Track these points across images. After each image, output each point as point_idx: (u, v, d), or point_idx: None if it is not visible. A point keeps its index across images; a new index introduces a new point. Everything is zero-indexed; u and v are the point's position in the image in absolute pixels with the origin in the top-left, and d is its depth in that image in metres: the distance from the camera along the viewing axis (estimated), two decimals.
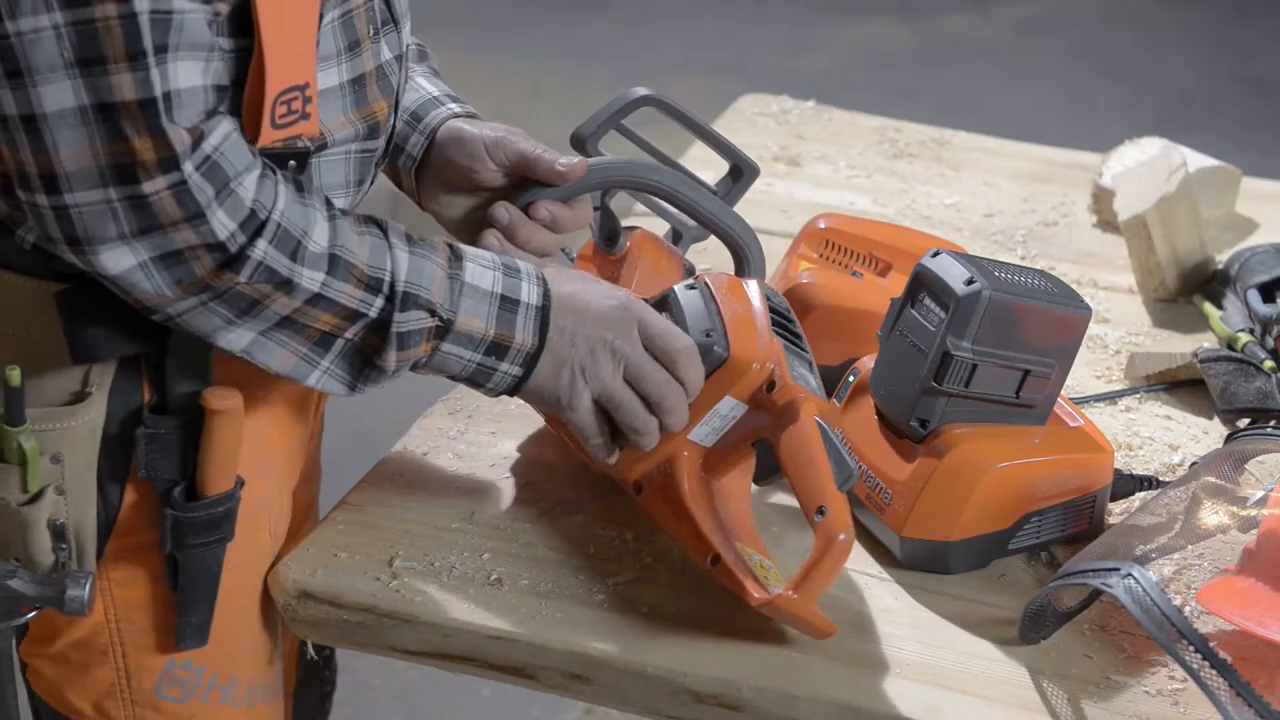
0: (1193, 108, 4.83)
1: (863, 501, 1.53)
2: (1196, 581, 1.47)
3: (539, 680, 1.43)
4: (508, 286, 1.39)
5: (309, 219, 1.31)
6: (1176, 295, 1.94)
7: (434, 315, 1.35)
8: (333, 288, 1.31)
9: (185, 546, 1.40)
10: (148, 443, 1.38)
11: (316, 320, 1.32)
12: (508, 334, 1.38)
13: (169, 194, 1.24)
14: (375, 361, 1.35)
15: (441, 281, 1.36)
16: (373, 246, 1.34)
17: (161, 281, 1.27)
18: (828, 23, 5.32)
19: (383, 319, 1.33)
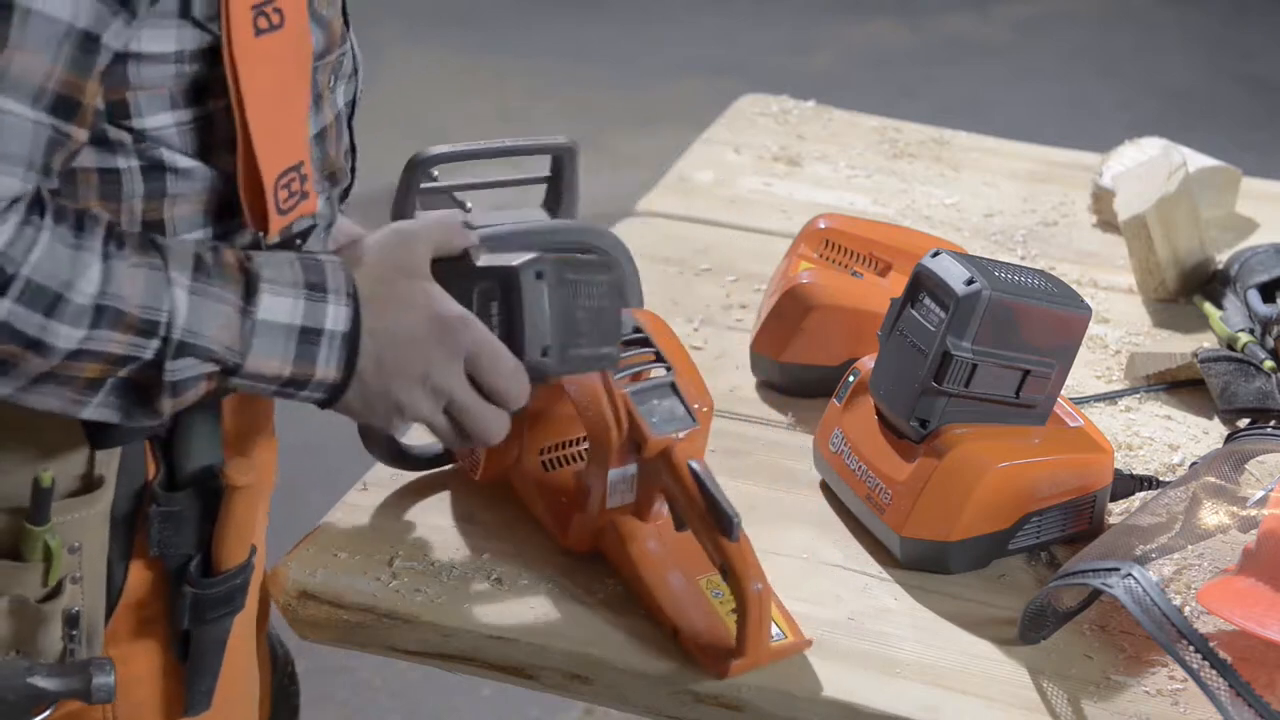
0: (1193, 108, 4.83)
1: (863, 501, 1.53)
2: (1196, 581, 1.47)
3: (539, 680, 1.43)
4: (310, 314, 1.25)
5: (76, 265, 1.17)
6: (1176, 295, 1.94)
7: (216, 362, 1.23)
8: (97, 339, 1.18)
9: (203, 621, 1.35)
10: (162, 521, 1.31)
11: (82, 371, 1.20)
12: (307, 371, 1.26)
13: None
14: (149, 401, 1.23)
15: (229, 321, 1.22)
16: (148, 282, 1.20)
17: None
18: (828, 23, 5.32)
19: (156, 361, 1.21)
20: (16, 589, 1.27)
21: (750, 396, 1.75)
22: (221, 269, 1.23)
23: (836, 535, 1.55)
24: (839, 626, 1.44)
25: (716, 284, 1.96)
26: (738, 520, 1.35)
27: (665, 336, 1.47)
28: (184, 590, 1.33)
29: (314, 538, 1.53)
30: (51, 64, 1.14)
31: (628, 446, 1.42)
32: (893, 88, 4.84)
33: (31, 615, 1.28)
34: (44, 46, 1.14)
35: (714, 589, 1.43)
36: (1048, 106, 4.78)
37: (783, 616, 1.41)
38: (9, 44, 1.12)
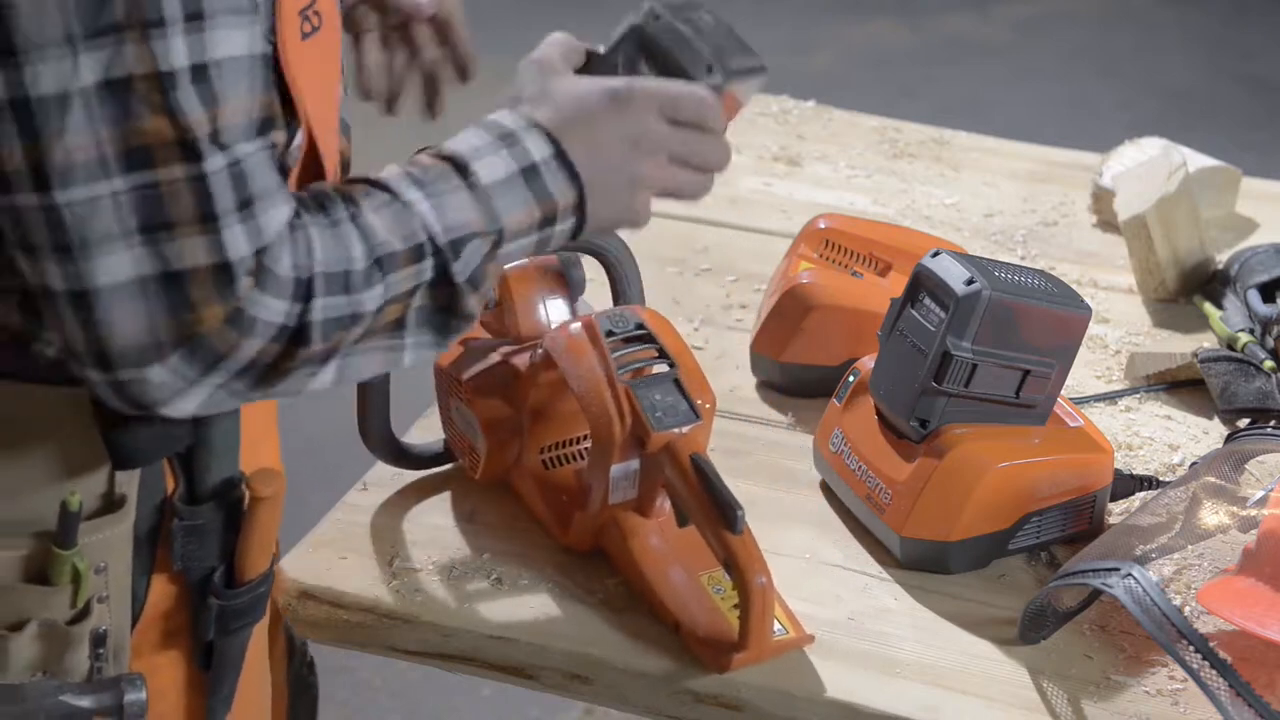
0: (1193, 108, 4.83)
1: (863, 501, 1.53)
2: (1196, 581, 1.47)
3: (539, 680, 1.43)
4: (519, 157, 1.27)
5: (342, 241, 1.20)
6: (1176, 295, 1.94)
7: (484, 236, 1.24)
8: (391, 287, 1.21)
9: (228, 632, 1.35)
10: (185, 534, 1.31)
11: (385, 317, 1.23)
12: (550, 203, 1.27)
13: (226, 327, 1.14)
14: (455, 309, 1.25)
15: (468, 202, 1.24)
16: (394, 217, 1.22)
17: (242, 387, 1.18)
18: (828, 23, 5.32)
19: (439, 275, 1.23)
20: (45, 613, 1.26)
21: (750, 396, 1.75)
22: (428, 170, 1.25)
23: (836, 535, 1.55)
24: (839, 626, 1.44)
25: (716, 284, 1.96)
26: (741, 513, 1.35)
27: (668, 333, 1.47)
28: (209, 602, 1.33)
29: (314, 538, 1.53)
30: (250, 98, 1.13)
31: (630, 442, 1.42)
32: (893, 88, 4.84)
33: (60, 637, 1.27)
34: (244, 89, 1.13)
35: (715, 585, 1.43)
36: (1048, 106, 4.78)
37: (785, 613, 1.41)
38: (221, 100, 1.11)
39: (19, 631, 1.24)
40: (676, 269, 1.99)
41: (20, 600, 1.25)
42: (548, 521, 1.52)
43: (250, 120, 1.13)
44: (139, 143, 1.09)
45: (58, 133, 1.08)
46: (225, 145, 1.12)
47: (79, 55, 1.07)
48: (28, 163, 1.09)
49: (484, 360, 1.54)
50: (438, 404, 1.60)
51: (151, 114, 1.08)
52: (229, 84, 1.11)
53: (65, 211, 1.09)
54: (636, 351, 1.44)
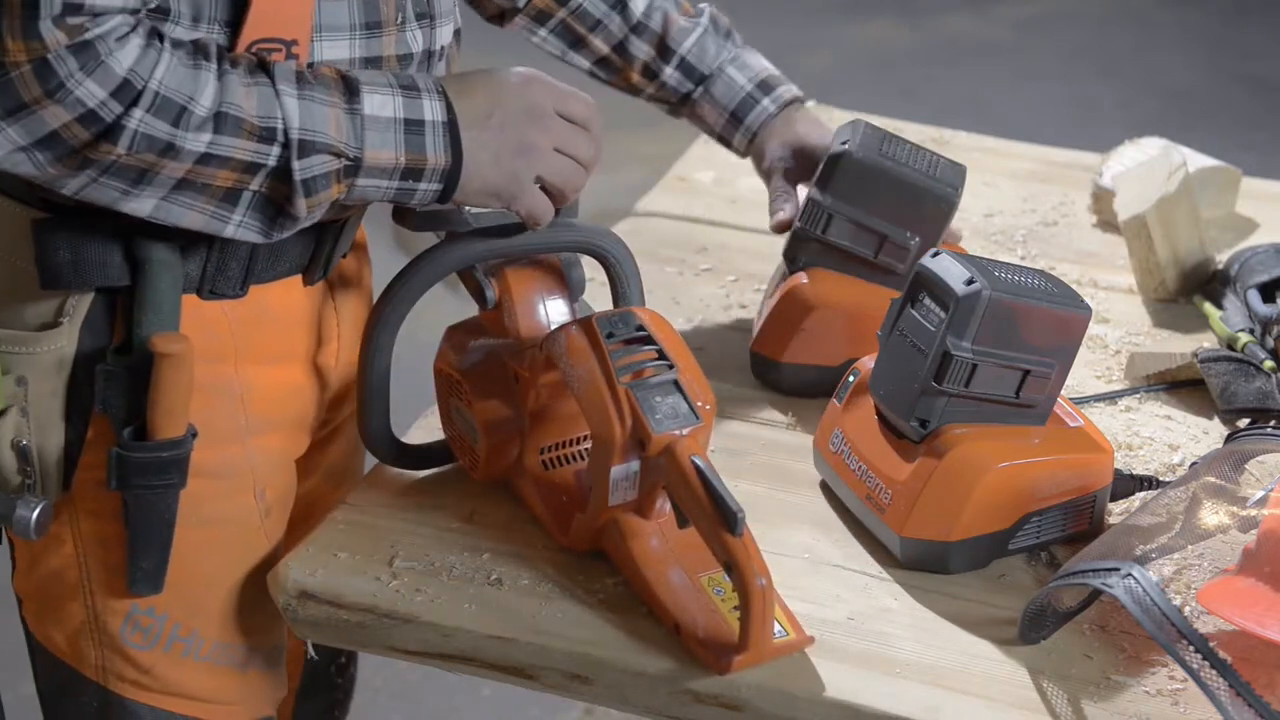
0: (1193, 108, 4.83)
1: (863, 501, 1.53)
2: (1196, 581, 1.47)
3: (539, 680, 1.43)
4: (409, 109, 1.37)
5: (196, 82, 1.30)
6: (1176, 295, 1.94)
7: (339, 157, 1.35)
8: (222, 145, 1.31)
9: (130, 487, 1.41)
10: (105, 379, 1.40)
11: (215, 178, 1.32)
12: (419, 157, 1.38)
13: (28, 70, 1.24)
14: (286, 209, 1.36)
15: (340, 120, 1.35)
16: (260, 96, 1.32)
17: (42, 159, 1.28)
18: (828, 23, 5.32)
19: (282, 166, 1.33)
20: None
21: (750, 397, 1.75)
22: (322, 79, 1.36)
23: (836, 535, 1.55)
24: (839, 626, 1.44)
25: (716, 284, 1.96)
26: (742, 515, 1.35)
27: (668, 334, 1.47)
28: (111, 452, 1.40)
29: (314, 538, 1.53)
30: None
31: (631, 443, 1.42)
32: (893, 88, 4.84)
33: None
34: None
35: (716, 586, 1.43)
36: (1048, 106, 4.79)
37: (785, 614, 1.41)
38: None
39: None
40: (676, 269, 1.99)
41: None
42: (547, 522, 1.52)
43: None
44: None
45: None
46: None
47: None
48: None
49: (484, 361, 1.54)
50: (438, 404, 1.60)
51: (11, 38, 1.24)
52: None
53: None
54: (637, 353, 1.44)
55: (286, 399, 1.53)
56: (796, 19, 5.34)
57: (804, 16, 5.36)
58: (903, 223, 1.69)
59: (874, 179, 1.68)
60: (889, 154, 1.69)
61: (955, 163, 1.73)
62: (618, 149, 4.55)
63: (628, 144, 4.38)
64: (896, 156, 1.69)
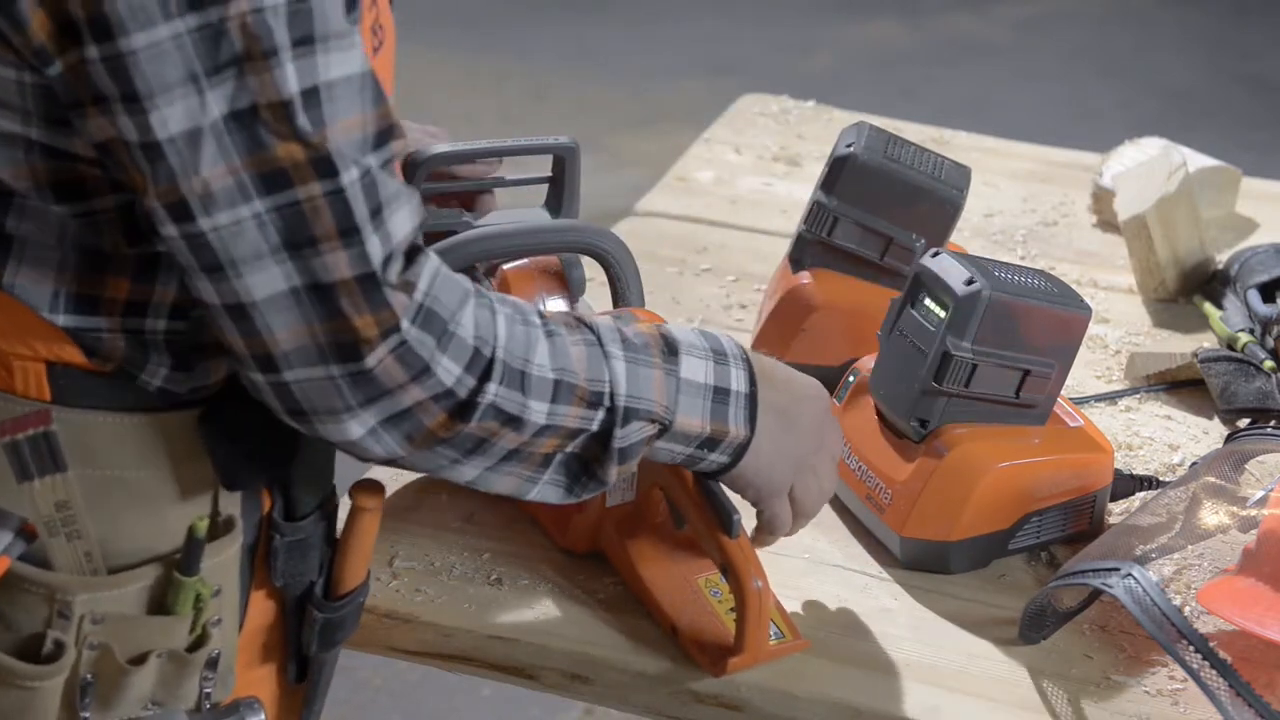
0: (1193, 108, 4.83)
1: (863, 501, 1.53)
2: (1196, 581, 1.47)
3: (539, 680, 1.43)
4: (719, 376, 1.32)
5: (529, 341, 1.23)
6: (1176, 295, 1.94)
7: (655, 422, 1.29)
8: (557, 415, 1.24)
9: (330, 644, 1.37)
10: (287, 551, 1.31)
11: (541, 447, 1.25)
12: (722, 427, 1.32)
13: (392, 359, 1.16)
14: (595, 472, 1.29)
15: (660, 383, 1.29)
16: (590, 357, 1.26)
17: (392, 442, 1.20)
18: (828, 23, 5.32)
19: (604, 431, 1.26)
20: (167, 643, 1.25)
21: None
22: (642, 336, 1.30)
23: (836, 535, 1.55)
24: (839, 626, 1.44)
25: (716, 284, 1.96)
26: (738, 517, 1.35)
27: None
28: (314, 616, 1.34)
29: None
30: (368, 112, 1.15)
31: None
32: (893, 88, 4.84)
33: (179, 666, 1.27)
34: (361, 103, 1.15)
35: (712, 588, 1.43)
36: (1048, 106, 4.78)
37: (782, 617, 1.41)
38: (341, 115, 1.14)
39: (141, 665, 1.24)
40: (676, 269, 1.99)
41: (142, 632, 1.25)
42: (546, 523, 1.52)
43: (366, 135, 1.15)
44: (273, 167, 1.12)
45: (194, 167, 1.11)
46: (353, 159, 1.14)
47: (204, 93, 1.09)
48: (167, 200, 1.12)
49: None
50: None
51: (279, 140, 1.11)
52: (346, 101, 1.14)
53: (211, 236, 1.12)
54: None
55: None
56: (796, 19, 5.34)
57: (804, 16, 5.36)
58: (908, 225, 1.69)
59: (879, 181, 1.68)
60: (894, 156, 1.69)
61: (960, 164, 1.73)
62: (618, 149, 4.57)
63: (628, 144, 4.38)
64: (901, 159, 1.69)
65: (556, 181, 1.59)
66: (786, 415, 1.35)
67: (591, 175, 1.44)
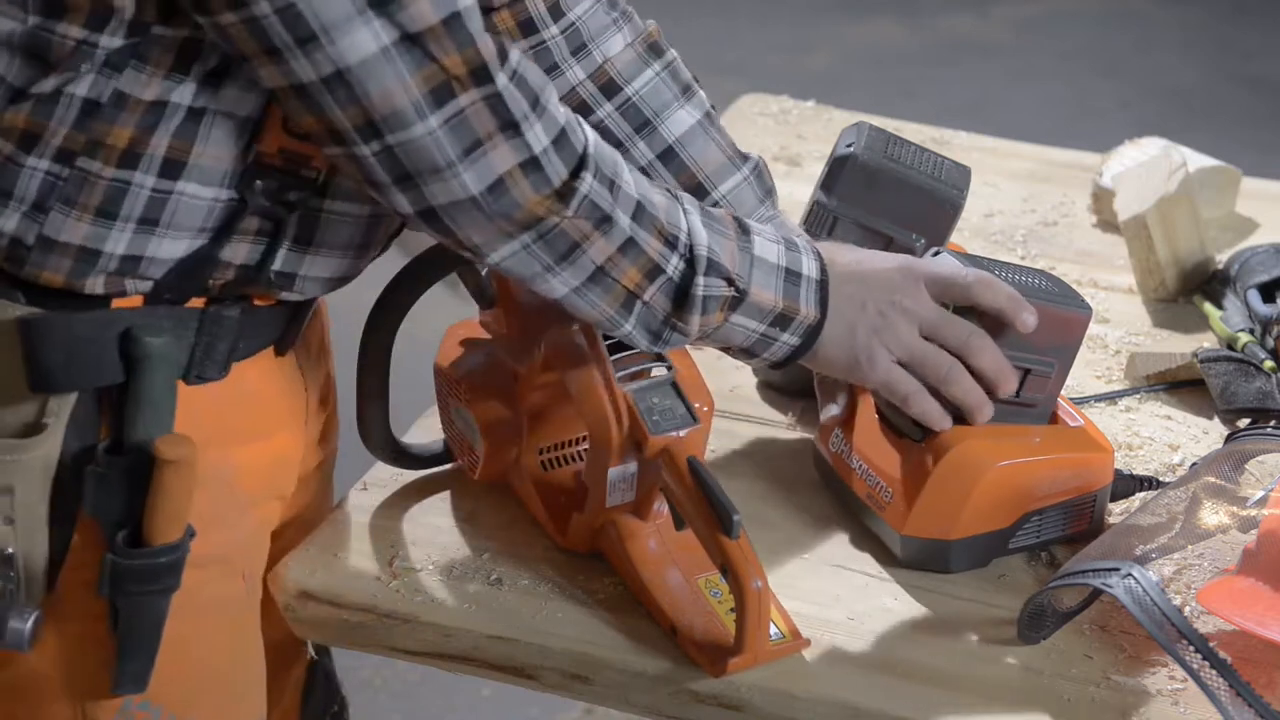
0: (1193, 108, 4.83)
1: (863, 500, 1.53)
2: (1196, 581, 1.47)
3: (539, 680, 1.43)
4: (790, 260, 1.40)
5: (615, 160, 1.31)
6: (1176, 295, 1.94)
7: (731, 285, 1.36)
8: (639, 235, 1.31)
9: (124, 593, 1.34)
10: (96, 482, 1.32)
11: (624, 275, 1.33)
12: (794, 305, 1.39)
13: (483, 104, 1.23)
14: (676, 325, 1.36)
15: (734, 253, 1.36)
16: (669, 205, 1.34)
17: (491, 212, 1.26)
18: (828, 23, 5.32)
19: (682, 283, 1.34)
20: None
21: (750, 396, 1.75)
22: (717, 215, 1.38)
23: (836, 535, 1.55)
24: (839, 626, 1.44)
25: None
26: (738, 518, 1.35)
27: None
28: (105, 558, 1.33)
29: (314, 538, 1.53)
30: None
31: (628, 445, 1.42)
32: (893, 88, 4.83)
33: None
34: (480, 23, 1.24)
35: (712, 588, 1.43)
36: (1048, 106, 4.78)
37: (781, 617, 1.41)
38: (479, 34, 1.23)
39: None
40: None
41: None
42: (546, 523, 1.52)
43: None
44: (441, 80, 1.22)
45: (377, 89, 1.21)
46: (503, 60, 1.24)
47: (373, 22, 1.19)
48: (358, 122, 1.22)
49: (484, 361, 1.54)
50: (438, 404, 1.60)
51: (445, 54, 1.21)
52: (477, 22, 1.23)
53: (302, 5, 1.18)
54: (634, 355, 1.44)
55: (270, 473, 1.47)
56: (796, 19, 5.34)
57: (804, 16, 5.36)
58: (909, 225, 1.69)
59: (879, 181, 1.68)
60: (894, 156, 1.69)
61: (960, 165, 1.73)
62: None
63: None
64: (901, 159, 1.69)
65: None
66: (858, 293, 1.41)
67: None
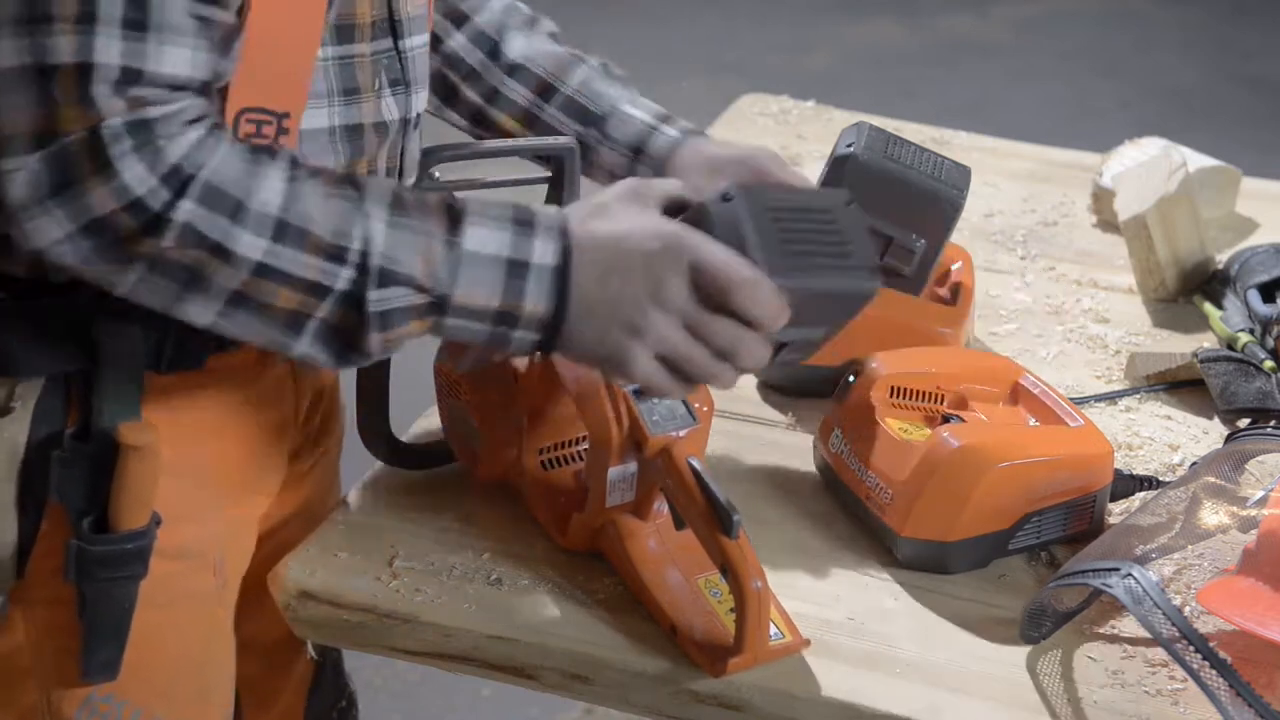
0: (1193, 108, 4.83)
1: (863, 501, 1.53)
2: (1196, 581, 1.47)
3: (539, 680, 1.43)
4: (517, 247, 1.24)
5: (256, 179, 1.19)
6: (1176, 295, 1.94)
7: (424, 292, 1.22)
8: (281, 257, 1.19)
9: (90, 579, 1.33)
10: (61, 467, 1.31)
11: (275, 297, 1.21)
12: (515, 303, 1.24)
13: (81, 147, 1.16)
14: (356, 340, 1.23)
15: (432, 252, 1.22)
16: (341, 211, 1.21)
17: (87, 248, 1.18)
18: (828, 23, 5.32)
19: (355, 292, 1.21)
20: None
21: (750, 396, 1.75)
22: (423, 204, 1.24)
23: (836, 535, 1.55)
24: (839, 626, 1.44)
25: None
26: (737, 518, 1.35)
27: None
28: (69, 544, 1.33)
29: (314, 538, 1.53)
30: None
31: (628, 445, 1.42)
32: (893, 88, 4.84)
33: None
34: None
35: (712, 588, 1.43)
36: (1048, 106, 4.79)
37: (781, 617, 1.41)
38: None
39: None
40: None
41: None
42: (546, 523, 1.52)
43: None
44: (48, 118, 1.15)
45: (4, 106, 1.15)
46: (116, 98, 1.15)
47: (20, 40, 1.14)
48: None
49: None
50: (438, 404, 1.60)
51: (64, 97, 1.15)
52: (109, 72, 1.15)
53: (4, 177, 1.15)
54: None
55: (248, 469, 1.47)
56: (796, 19, 5.34)
57: (804, 16, 5.36)
58: (908, 225, 1.69)
59: (879, 182, 1.68)
60: (894, 156, 1.69)
61: (960, 164, 1.73)
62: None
63: None
64: (901, 159, 1.70)
65: (556, 181, 1.59)
66: (610, 282, 1.24)
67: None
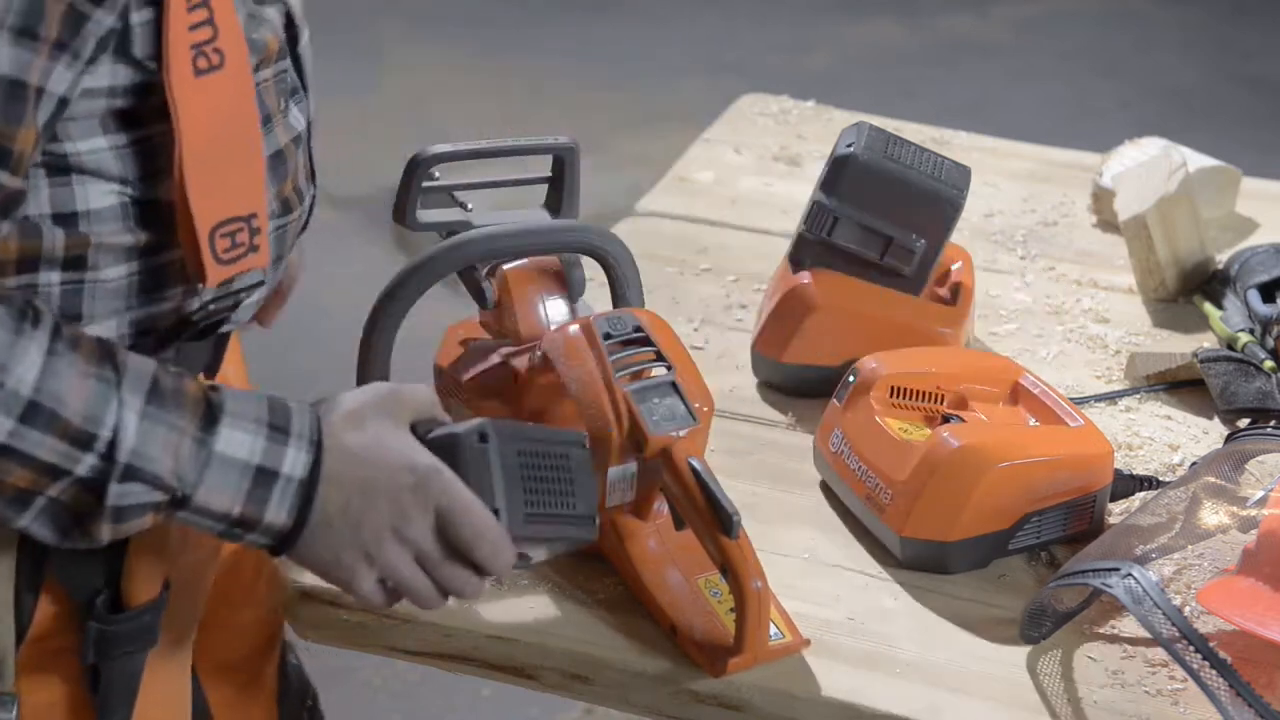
0: (1193, 108, 4.83)
1: (862, 501, 1.53)
2: (1196, 581, 1.47)
3: (539, 680, 1.43)
4: (268, 455, 1.20)
5: (14, 351, 1.12)
6: (1176, 295, 1.94)
7: (164, 490, 1.18)
8: (26, 439, 1.13)
9: (110, 657, 1.30)
10: (66, 551, 1.23)
11: (9, 474, 1.14)
12: (254, 513, 1.21)
13: None
14: (86, 526, 1.18)
15: (183, 450, 1.18)
16: (96, 394, 1.15)
17: None
18: (828, 23, 5.32)
19: (95, 480, 1.16)
20: None
21: (750, 396, 1.75)
22: (181, 395, 1.19)
23: (836, 535, 1.55)
24: (839, 626, 1.44)
25: (716, 284, 1.96)
26: (737, 518, 1.35)
27: (666, 335, 1.47)
28: (89, 626, 1.29)
29: None
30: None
31: (628, 445, 1.42)
32: (893, 88, 4.84)
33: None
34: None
35: (712, 588, 1.43)
36: (1048, 106, 4.78)
37: (781, 617, 1.41)
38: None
39: None
40: (676, 269, 1.99)
41: None
42: None
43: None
44: None
45: None
46: None
47: None
48: None
49: (483, 361, 1.54)
50: None
51: None
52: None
53: None
54: (634, 354, 1.44)
55: None
56: (796, 19, 5.34)
57: (804, 16, 5.36)
58: (908, 225, 1.70)
59: (879, 181, 1.68)
60: (894, 156, 1.69)
61: (960, 164, 1.73)
62: (618, 149, 4.57)
63: (628, 144, 4.38)
64: (901, 159, 1.70)
65: (556, 181, 1.59)
66: (349, 509, 1.22)
67: (591, 175, 1.44)
